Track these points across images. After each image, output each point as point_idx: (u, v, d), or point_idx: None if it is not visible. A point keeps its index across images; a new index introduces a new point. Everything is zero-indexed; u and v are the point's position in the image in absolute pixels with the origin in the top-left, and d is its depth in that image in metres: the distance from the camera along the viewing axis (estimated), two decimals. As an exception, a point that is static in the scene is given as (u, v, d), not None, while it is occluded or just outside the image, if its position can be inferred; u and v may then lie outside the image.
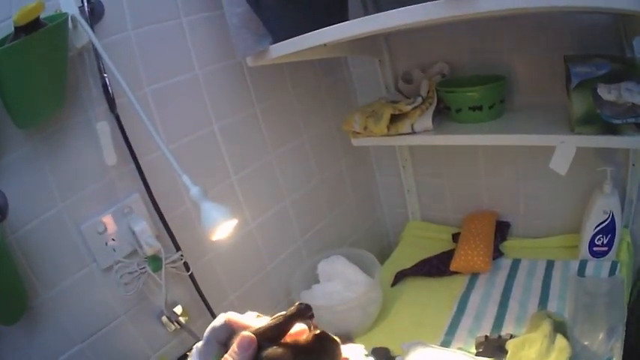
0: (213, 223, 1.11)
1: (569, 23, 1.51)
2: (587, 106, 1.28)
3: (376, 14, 1.14)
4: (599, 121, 1.26)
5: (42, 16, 0.98)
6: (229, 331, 0.61)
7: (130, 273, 1.29)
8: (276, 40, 1.37)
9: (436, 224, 2.22)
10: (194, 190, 1.13)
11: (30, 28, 0.96)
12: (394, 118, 1.65)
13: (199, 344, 0.61)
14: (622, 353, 1.27)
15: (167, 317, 1.37)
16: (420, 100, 1.64)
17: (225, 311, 0.62)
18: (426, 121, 1.62)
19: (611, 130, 1.27)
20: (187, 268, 1.41)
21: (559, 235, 1.87)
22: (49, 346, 1.17)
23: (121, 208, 1.29)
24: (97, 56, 1.20)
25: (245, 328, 0.60)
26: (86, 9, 1.16)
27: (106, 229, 1.25)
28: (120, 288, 1.28)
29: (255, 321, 0.61)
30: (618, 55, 1.36)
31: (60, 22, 1.02)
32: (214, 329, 0.60)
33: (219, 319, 0.61)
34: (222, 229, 1.13)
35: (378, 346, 1.53)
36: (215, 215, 1.11)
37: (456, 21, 1.27)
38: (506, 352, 1.33)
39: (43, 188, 1.15)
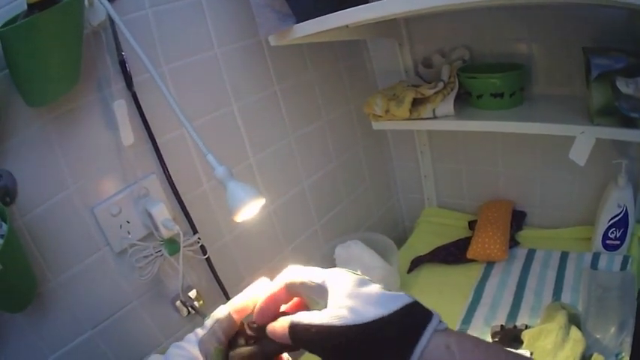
0: (240, 203, 1.01)
1: (587, 16, 1.47)
2: (607, 98, 1.26)
3: None
4: (618, 114, 1.24)
5: (56, -9, 0.92)
6: (232, 321, 0.62)
7: (145, 257, 1.23)
8: (298, 20, 1.32)
9: (452, 211, 2.19)
10: (220, 170, 1.04)
11: (43, 4, 0.90)
12: (416, 102, 1.61)
13: (200, 331, 0.61)
14: (631, 348, 1.25)
15: (181, 302, 1.32)
16: (441, 84, 1.59)
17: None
18: (447, 106, 1.58)
19: (629, 123, 1.25)
20: (204, 252, 1.36)
21: (574, 226, 1.83)
22: (59, 333, 1.11)
23: (137, 190, 1.23)
24: (115, 33, 1.13)
25: (243, 312, 0.63)
26: None
27: (120, 211, 1.19)
28: (134, 272, 1.22)
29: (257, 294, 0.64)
30: (634, 50, 1.31)
31: None
32: (219, 321, 0.61)
33: (223, 311, 0.63)
34: (249, 209, 1.04)
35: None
36: (242, 195, 1.01)
37: (478, 7, 1.24)
38: (522, 342, 1.30)
39: (54, 170, 1.08)
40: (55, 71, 0.98)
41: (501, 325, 1.39)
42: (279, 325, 0.58)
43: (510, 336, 1.35)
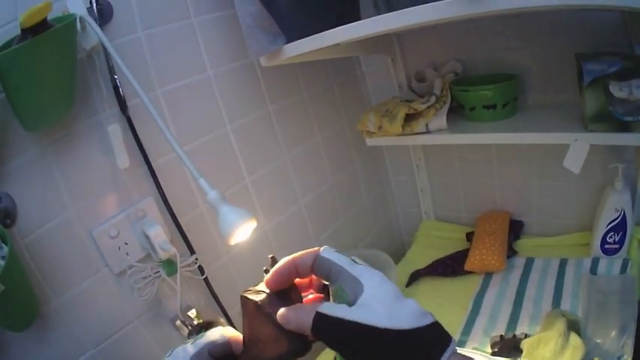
0: (232, 226, 1.05)
1: (578, 21, 1.49)
2: (600, 104, 1.27)
3: (390, 13, 1.11)
4: (612, 119, 1.26)
5: (49, 17, 0.93)
6: (227, 347, 0.59)
7: (144, 278, 1.24)
8: (289, 40, 1.33)
9: (450, 224, 2.19)
10: (212, 194, 1.06)
11: (37, 29, 0.91)
12: (408, 118, 1.62)
13: (190, 349, 0.58)
14: (633, 351, 1.26)
15: (181, 321, 1.33)
16: (434, 98, 1.61)
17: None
18: (440, 120, 1.59)
19: (623, 127, 1.26)
20: (202, 272, 1.37)
21: (572, 233, 1.84)
22: (61, 353, 1.12)
23: (134, 212, 1.24)
24: (107, 58, 1.15)
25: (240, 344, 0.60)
26: (95, 10, 1.12)
27: (118, 233, 1.21)
28: (133, 293, 1.23)
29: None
30: (628, 53, 1.34)
31: (68, 23, 0.97)
32: (214, 344, 0.59)
33: (219, 335, 0.60)
34: (241, 232, 1.07)
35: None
36: (233, 218, 1.05)
37: (468, 19, 1.26)
38: (522, 352, 1.31)
39: (52, 192, 1.10)
40: (49, 96, 1.00)
41: (501, 335, 1.39)
42: (298, 314, 0.54)
43: (510, 345, 1.36)
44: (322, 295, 0.61)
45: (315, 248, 0.58)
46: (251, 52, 1.34)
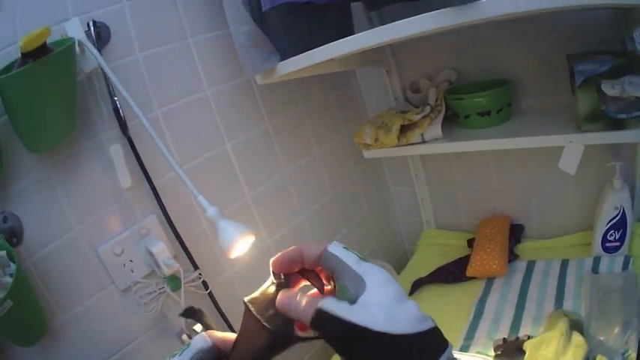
0: (231, 241, 1.10)
1: (570, 22, 1.50)
2: (593, 104, 1.27)
3: (383, 26, 1.12)
4: (605, 118, 1.26)
5: (48, 41, 0.97)
6: (215, 354, 0.60)
7: (149, 293, 1.27)
8: (283, 57, 1.35)
9: (451, 231, 2.20)
10: (211, 211, 1.12)
11: (37, 53, 0.94)
12: (404, 128, 1.64)
13: None
14: (637, 345, 1.25)
15: (187, 335, 1.35)
16: (428, 108, 1.63)
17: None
18: (435, 129, 1.61)
19: (618, 125, 1.27)
20: (206, 287, 1.39)
21: (572, 233, 1.83)
22: (70, 367, 1.15)
23: (138, 230, 1.27)
24: (107, 80, 1.18)
25: (228, 344, 0.60)
26: (92, 33, 1.16)
27: (123, 250, 1.24)
28: (139, 308, 1.26)
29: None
30: (620, 50, 1.34)
31: (67, 47, 1.01)
32: (201, 352, 0.59)
33: (203, 340, 0.60)
34: (240, 246, 1.12)
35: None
36: (232, 233, 1.10)
37: (459, 27, 1.28)
38: (525, 353, 1.31)
39: (57, 212, 1.14)
40: (51, 118, 1.04)
41: (503, 338, 1.39)
42: (299, 304, 0.54)
43: (513, 348, 1.36)
44: (329, 288, 0.60)
45: (325, 241, 0.59)
46: (246, 71, 1.37)
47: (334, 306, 0.51)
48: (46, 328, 1.08)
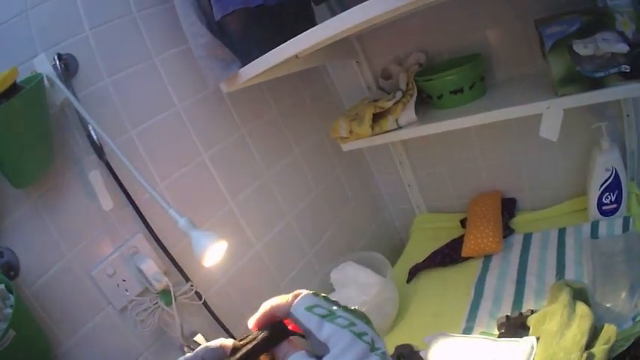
0: (203, 249, 1.22)
1: None
2: (566, 66, 1.31)
3: (341, 14, 1.13)
4: (582, 78, 1.30)
5: (19, 79, 1.07)
6: (220, 353, 0.61)
7: (145, 310, 1.36)
8: (246, 63, 1.41)
9: (443, 213, 2.26)
10: (181, 222, 1.25)
11: (8, 93, 1.04)
12: (377, 117, 1.71)
13: (187, 356, 0.62)
14: None
15: (188, 347, 1.43)
16: (400, 94, 1.70)
17: (246, 333, 0.63)
18: (409, 114, 1.68)
19: (596, 84, 1.29)
20: (200, 297, 1.47)
21: (566, 201, 1.88)
22: (79, 391, 1.24)
23: (127, 249, 1.38)
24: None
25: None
26: (59, 66, 1.25)
27: (115, 271, 1.33)
28: (137, 326, 1.35)
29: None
30: (589, 8, 1.34)
31: (35, 84, 1.11)
32: (207, 348, 0.61)
33: (215, 341, 0.63)
34: (212, 253, 1.24)
35: (400, 343, 1.53)
36: (204, 242, 1.22)
37: (424, 7, 1.29)
38: (529, 329, 1.33)
39: (49, 241, 1.24)
40: (29, 153, 1.14)
41: (507, 316, 1.42)
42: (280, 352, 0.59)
43: (516, 324, 1.38)
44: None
45: (293, 294, 0.62)
46: (208, 81, 1.46)
47: None
48: (52, 355, 1.17)
